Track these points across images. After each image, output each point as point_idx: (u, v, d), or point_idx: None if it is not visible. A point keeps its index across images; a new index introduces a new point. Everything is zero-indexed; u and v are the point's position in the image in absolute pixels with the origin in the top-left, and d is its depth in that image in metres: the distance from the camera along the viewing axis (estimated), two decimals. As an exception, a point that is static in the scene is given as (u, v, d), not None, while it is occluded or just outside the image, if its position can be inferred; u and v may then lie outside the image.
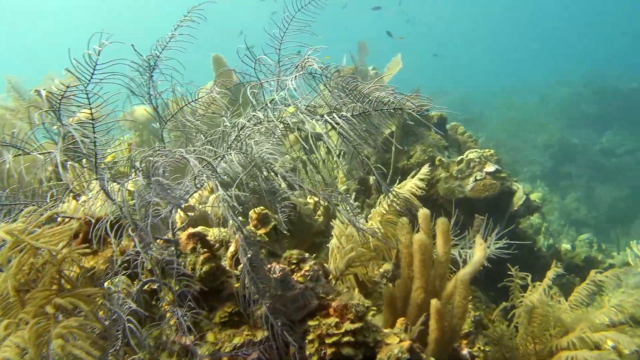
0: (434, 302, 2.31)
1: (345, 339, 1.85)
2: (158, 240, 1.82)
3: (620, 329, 2.64)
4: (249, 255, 1.75)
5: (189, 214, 2.88)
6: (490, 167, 5.07)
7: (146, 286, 1.88)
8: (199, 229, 2.16)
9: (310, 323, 1.90)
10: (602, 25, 52.70)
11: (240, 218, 1.81)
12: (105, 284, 1.75)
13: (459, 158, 5.33)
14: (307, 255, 2.10)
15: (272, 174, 2.09)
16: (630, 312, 2.68)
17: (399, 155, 5.77)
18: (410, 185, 2.81)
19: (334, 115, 2.03)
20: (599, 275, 3.03)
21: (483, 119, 22.58)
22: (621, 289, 3.81)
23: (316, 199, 4.17)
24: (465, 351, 2.77)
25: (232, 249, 2.13)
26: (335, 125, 2.01)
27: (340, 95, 2.17)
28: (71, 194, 2.00)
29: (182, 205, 1.85)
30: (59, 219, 1.94)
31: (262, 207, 2.79)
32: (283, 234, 2.54)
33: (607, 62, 27.93)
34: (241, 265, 1.77)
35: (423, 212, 2.85)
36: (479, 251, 2.74)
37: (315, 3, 2.22)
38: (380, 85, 2.18)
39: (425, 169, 2.95)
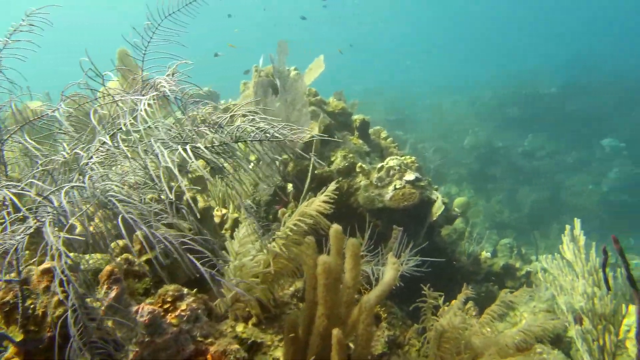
0: (335, 332, 2.16)
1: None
2: None
3: (527, 354, 2.60)
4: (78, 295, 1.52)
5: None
6: (410, 176, 5.01)
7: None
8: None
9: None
10: (527, 30, 55.02)
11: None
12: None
13: (380, 165, 5.24)
14: (185, 291, 1.89)
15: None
16: (539, 335, 2.65)
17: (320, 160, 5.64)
18: (317, 204, 2.64)
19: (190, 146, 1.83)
20: (509, 296, 2.99)
21: (413, 120, 22.99)
22: (533, 303, 3.84)
23: (224, 211, 3.96)
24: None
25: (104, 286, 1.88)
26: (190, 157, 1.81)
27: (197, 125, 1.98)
28: None
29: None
30: None
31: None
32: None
33: (530, 66, 29.07)
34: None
35: (334, 229, 2.69)
36: (390, 270, 2.62)
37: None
38: (248, 111, 2.01)
39: (332, 185, 2.79)
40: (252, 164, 5.71)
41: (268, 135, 2.10)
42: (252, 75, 6.51)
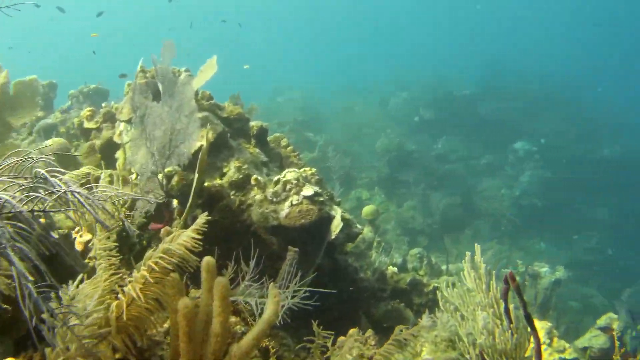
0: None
1: None
2: None
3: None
4: None
5: None
6: (308, 190, 4.85)
7: None
8: None
9: None
10: (441, 30, 56.95)
11: None
12: None
13: (276, 178, 5.05)
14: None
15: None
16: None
17: (210, 172, 5.37)
18: (183, 240, 2.39)
19: None
20: (404, 333, 2.88)
21: (322, 121, 23.06)
22: (435, 332, 3.77)
23: (88, 237, 3.62)
24: None
25: None
26: None
27: None
28: None
29: None
30: None
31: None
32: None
33: (445, 68, 29.95)
34: None
35: (206, 263, 2.47)
36: (270, 305, 2.42)
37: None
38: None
39: (202, 218, 2.56)
40: (133, 177, 5.36)
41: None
42: (137, 76, 6.14)
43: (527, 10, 51.68)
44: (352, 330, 4.19)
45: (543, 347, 6.70)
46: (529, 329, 3.11)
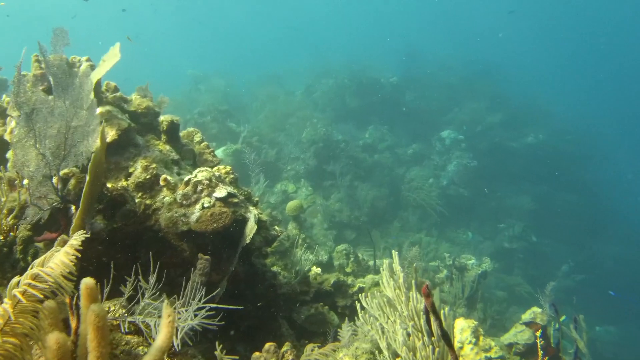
0: None
1: None
2: None
3: None
4: None
5: None
6: (221, 191, 4.62)
7: None
8: None
9: None
10: (367, 18, 57.39)
11: None
12: None
13: (187, 178, 4.79)
14: None
15: None
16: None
17: (114, 173, 5.05)
18: (56, 262, 2.13)
19: None
20: (314, 354, 2.73)
21: (246, 110, 22.70)
22: (356, 344, 3.65)
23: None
24: None
25: None
26: None
27: None
28: None
29: None
30: None
31: None
32: None
33: (369, 55, 30.04)
34: None
35: (85, 286, 2.22)
36: (163, 329, 2.20)
37: None
38: None
39: (78, 237, 2.30)
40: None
41: None
42: (32, 67, 5.69)
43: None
44: (267, 345, 4.02)
45: (469, 346, 6.78)
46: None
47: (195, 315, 3.18)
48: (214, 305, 3.22)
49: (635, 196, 29.50)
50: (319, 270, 7.11)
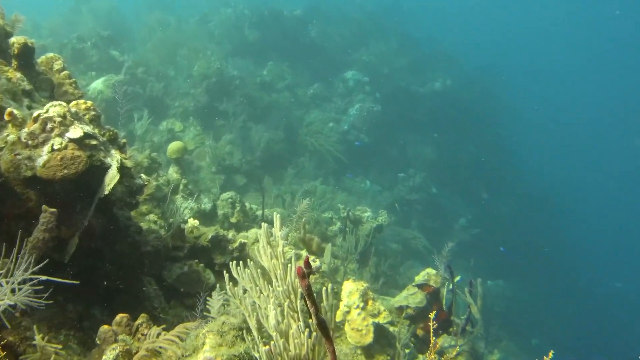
0: None
1: None
2: None
3: None
4: None
5: None
6: (76, 131, 4.26)
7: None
8: None
9: None
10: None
11: None
12: None
13: (36, 114, 4.38)
14: None
15: None
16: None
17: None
18: None
19: None
20: (170, 334, 2.56)
21: (132, 38, 21.62)
22: (223, 318, 3.48)
23: None
24: None
25: None
26: None
27: None
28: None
29: None
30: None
31: None
32: None
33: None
34: None
35: None
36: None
37: None
38: None
39: None
40: None
41: None
42: None
43: None
44: (118, 317, 3.81)
45: (356, 311, 6.84)
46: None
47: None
48: (43, 278, 2.96)
49: (535, 149, 31.18)
50: (196, 222, 6.86)
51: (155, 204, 7.72)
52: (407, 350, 7.11)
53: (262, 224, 3.28)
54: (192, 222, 6.82)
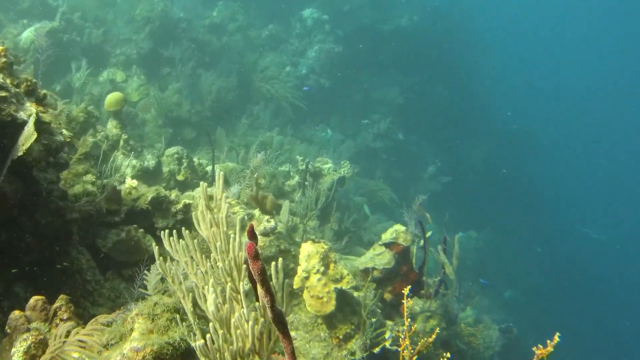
0: None
1: None
2: None
3: None
4: None
5: None
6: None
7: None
8: None
9: None
10: None
11: None
12: None
13: None
14: None
15: None
16: None
17: None
18: None
19: None
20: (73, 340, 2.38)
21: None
22: (156, 297, 3.28)
23: None
24: None
25: None
26: None
27: None
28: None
29: None
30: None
31: None
32: None
33: None
34: None
35: None
36: None
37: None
38: None
39: None
40: None
41: None
42: None
43: None
44: (32, 301, 3.60)
45: (316, 276, 6.62)
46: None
47: None
48: None
49: (507, 89, 31.22)
50: (134, 183, 6.63)
51: (93, 162, 7.46)
52: (373, 319, 6.87)
53: (201, 183, 3.07)
54: (130, 182, 6.59)
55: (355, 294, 7.06)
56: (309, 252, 6.71)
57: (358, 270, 7.98)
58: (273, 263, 2.70)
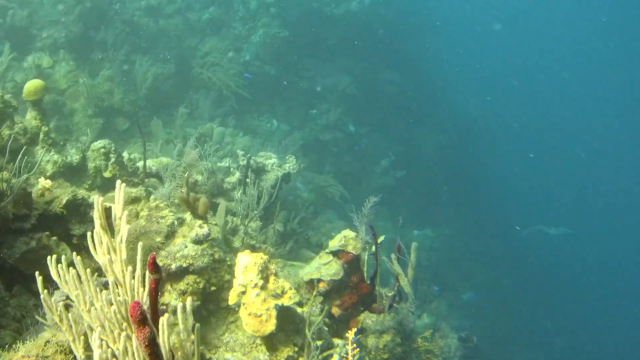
0: None
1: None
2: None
3: None
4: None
5: None
6: None
7: None
8: None
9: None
10: None
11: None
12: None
13: None
14: None
15: None
16: None
17: None
18: None
19: None
20: None
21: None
22: (46, 335, 3.11)
23: None
24: None
25: None
26: None
27: None
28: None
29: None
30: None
31: None
32: None
33: None
34: None
35: None
36: None
37: None
38: None
39: None
40: None
41: None
42: None
43: None
44: None
45: (254, 291, 6.24)
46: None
47: None
48: None
49: (467, 77, 31.53)
50: (47, 183, 6.36)
51: (10, 158, 7.18)
52: (318, 342, 6.45)
53: (95, 197, 2.88)
54: (43, 182, 6.30)
55: (299, 309, 6.70)
56: (246, 264, 6.31)
57: (302, 282, 7.70)
58: (180, 304, 2.47)
